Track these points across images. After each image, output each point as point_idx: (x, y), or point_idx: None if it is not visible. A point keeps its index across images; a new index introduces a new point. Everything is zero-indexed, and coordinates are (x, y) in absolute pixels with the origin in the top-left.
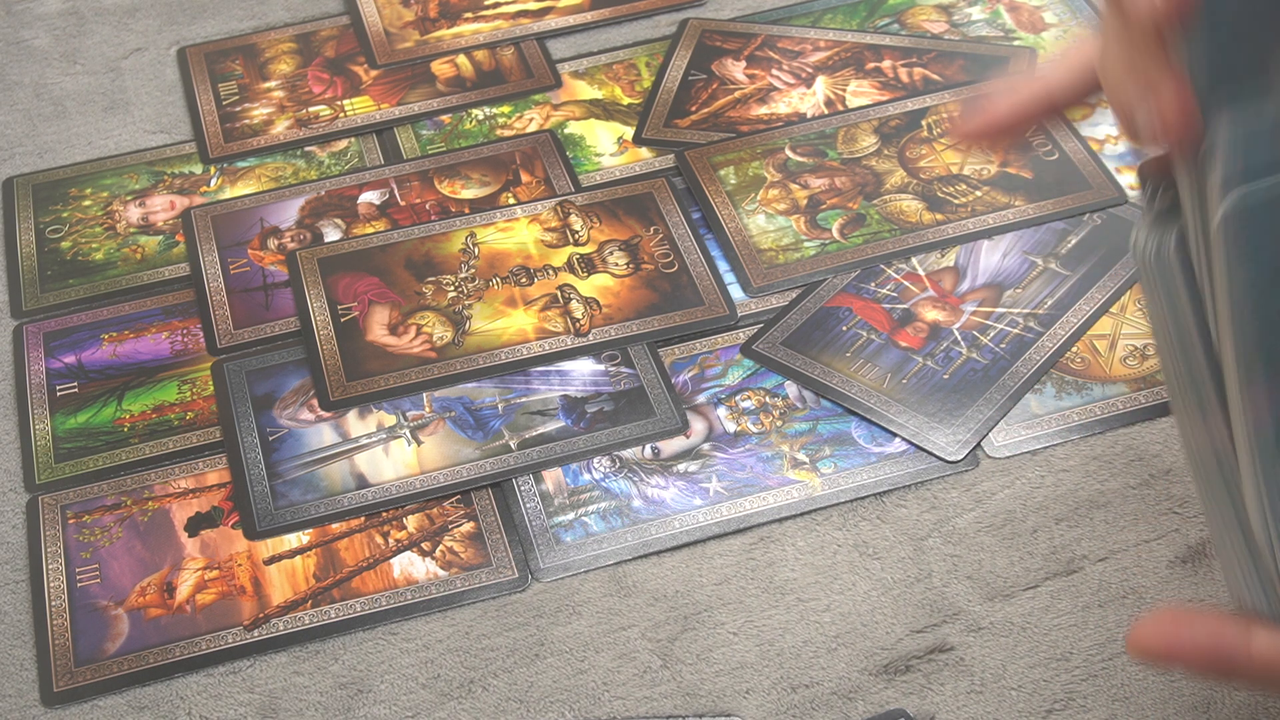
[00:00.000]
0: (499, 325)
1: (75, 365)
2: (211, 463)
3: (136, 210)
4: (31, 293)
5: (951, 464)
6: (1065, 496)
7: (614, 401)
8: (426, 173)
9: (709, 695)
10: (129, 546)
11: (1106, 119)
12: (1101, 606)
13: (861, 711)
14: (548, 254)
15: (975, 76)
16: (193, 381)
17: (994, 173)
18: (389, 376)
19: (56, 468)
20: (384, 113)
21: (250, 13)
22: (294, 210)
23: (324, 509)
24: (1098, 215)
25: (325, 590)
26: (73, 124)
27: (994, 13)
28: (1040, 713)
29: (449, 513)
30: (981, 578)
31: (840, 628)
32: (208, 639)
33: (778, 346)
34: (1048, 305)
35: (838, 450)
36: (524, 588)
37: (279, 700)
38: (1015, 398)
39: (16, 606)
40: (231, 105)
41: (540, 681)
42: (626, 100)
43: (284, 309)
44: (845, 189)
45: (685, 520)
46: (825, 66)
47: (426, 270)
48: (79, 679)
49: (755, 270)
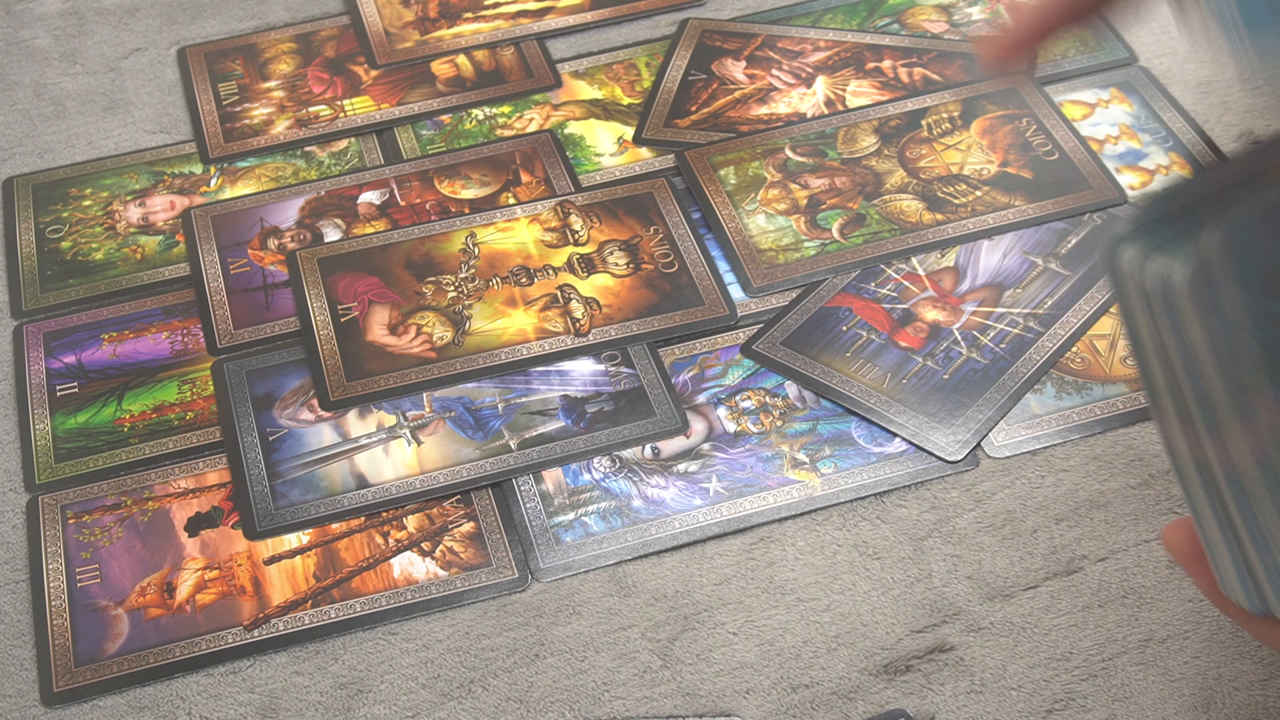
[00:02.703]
0: (499, 325)
1: (75, 365)
2: (211, 463)
3: (136, 210)
4: (31, 293)
5: (951, 464)
6: (1065, 496)
7: (614, 401)
8: (426, 173)
9: (709, 695)
10: (129, 546)
11: (1106, 119)
12: (1101, 606)
13: (861, 711)
14: (548, 254)
15: (975, 76)
16: (193, 381)
17: (994, 173)
18: (389, 376)
19: (56, 468)
20: (384, 113)
21: (250, 13)
22: (294, 210)
23: (324, 509)
24: (1098, 215)
25: (325, 590)
26: (73, 124)
27: (994, 13)
28: (1040, 713)
29: (449, 513)
30: (981, 578)
31: (840, 628)
32: (208, 639)
33: (778, 346)
34: (1048, 305)
35: (838, 450)
36: (524, 588)
37: (279, 700)
38: (1015, 398)
39: (16, 606)
40: (231, 105)
41: (540, 681)
42: (626, 100)
43: (284, 309)
44: (845, 189)
45: (685, 520)
46: (825, 66)
47: (426, 270)
48: (79, 679)
49: (755, 270)
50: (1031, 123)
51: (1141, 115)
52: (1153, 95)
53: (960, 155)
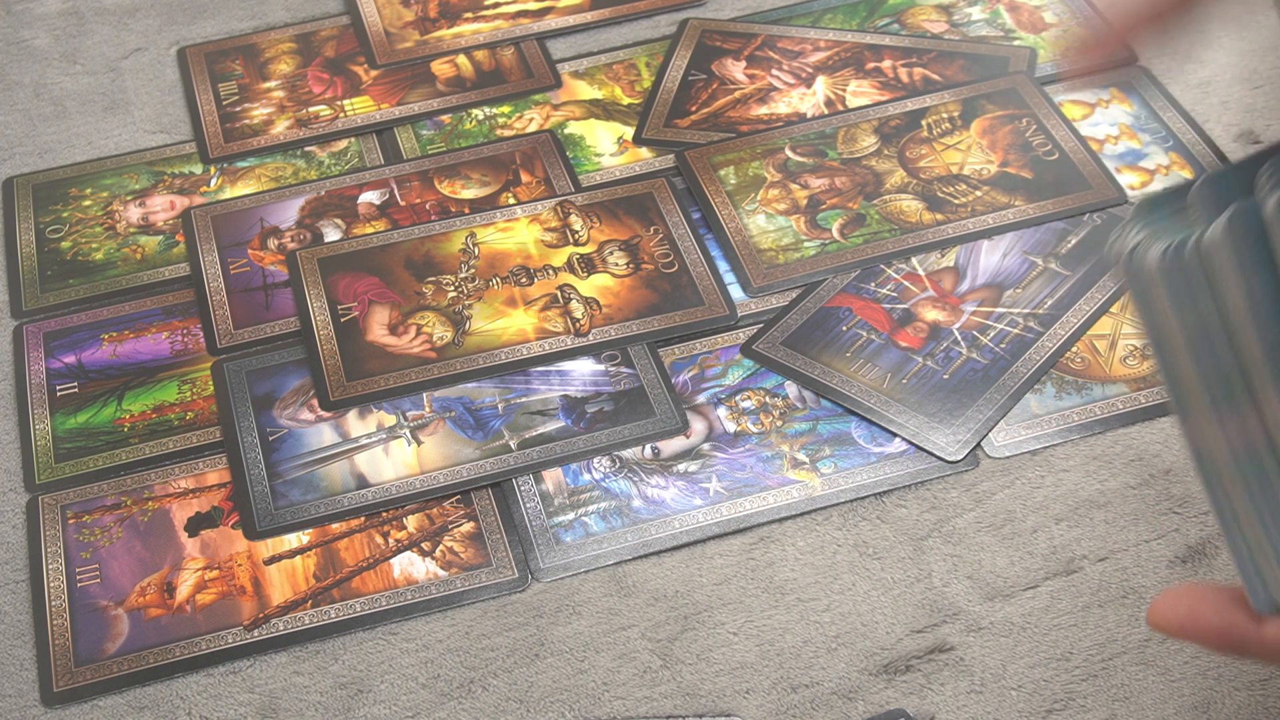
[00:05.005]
0: (499, 325)
1: (75, 365)
2: (211, 463)
3: (136, 210)
4: (31, 293)
5: (951, 464)
6: (1065, 496)
7: (614, 401)
8: (426, 173)
9: (709, 695)
10: (129, 546)
11: (1106, 119)
12: (1101, 606)
13: (861, 711)
14: (548, 254)
15: (975, 76)
16: (193, 381)
17: (994, 173)
18: (389, 376)
19: (56, 468)
20: (384, 113)
21: (250, 13)
22: (294, 210)
23: (324, 509)
24: (1098, 215)
25: (325, 590)
26: (73, 124)
27: (994, 13)
28: (1040, 713)
29: (449, 513)
30: (981, 578)
31: (840, 628)
32: (208, 639)
33: (778, 346)
34: (1048, 305)
35: (838, 450)
36: (524, 588)
37: (279, 700)
38: (1015, 398)
39: (16, 606)
40: (231, 105)
41: (540, 681)
42: (626, 100)
43: (284, 309)
44: (845, 189)
45: (685, 520)
46: (825, 66)
47: (426, 270)
48: (79, 679)
49: (755, 270)
50: (1031, 123)
51: (1141, 115)
52: (1153, 95)
53: (960, 155)
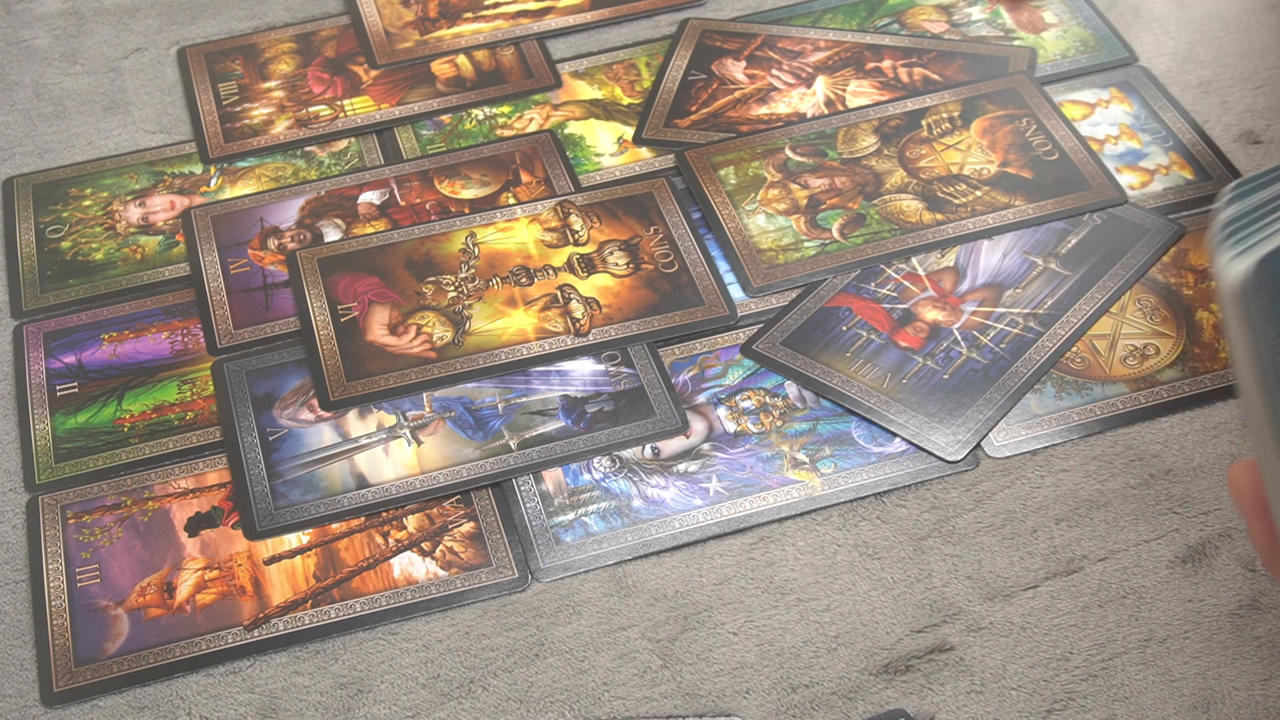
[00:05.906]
0: (499, 325)
1: (75, 365)
2: (211, 463)
3: (136, 210)
4: (31, 293)
5: (951, 464)
6: (1065, 496)
7: (614, 401)
8: (426, 173)
9: (709, 695)
10: (129, 546)
11: (1106, 119)
12: (1101, 606)
13: (861, 711)
14: (548, 254)
15: (975, 76)
16: (193, 381)
17: (994, 173)
18: (389, 376)
19: (56, 468)
20: (384, 113)
21: (250, 13)
22: (294, 210)
23: (324, 509)
24: (1098, 215)
25: (325, 590)
26: (73, 124)
27: (994, 13)
28: (1040, 713)
29: (449, 513)
30: (981, 578)
31: (840, 628)
32: (208, 639)
33: (778, 346)
34: (1048, 305)
35: (838, 450)
36: (524, 588)
37: (279, 700)
38: (1015, 398)
39: (16, 606)
40: (231, 105)
41: (540, 681)
42: (626, 100)
43: (284, 309)
44: (845, 189)
45: (685, 520)
46: (825, 66)
47: (426, 270)
48: (79, 679)
49: (755, 270)
50: (1031, 123)
51: (1141, 115)
52: (1153, 95)
53: (960, 155)
